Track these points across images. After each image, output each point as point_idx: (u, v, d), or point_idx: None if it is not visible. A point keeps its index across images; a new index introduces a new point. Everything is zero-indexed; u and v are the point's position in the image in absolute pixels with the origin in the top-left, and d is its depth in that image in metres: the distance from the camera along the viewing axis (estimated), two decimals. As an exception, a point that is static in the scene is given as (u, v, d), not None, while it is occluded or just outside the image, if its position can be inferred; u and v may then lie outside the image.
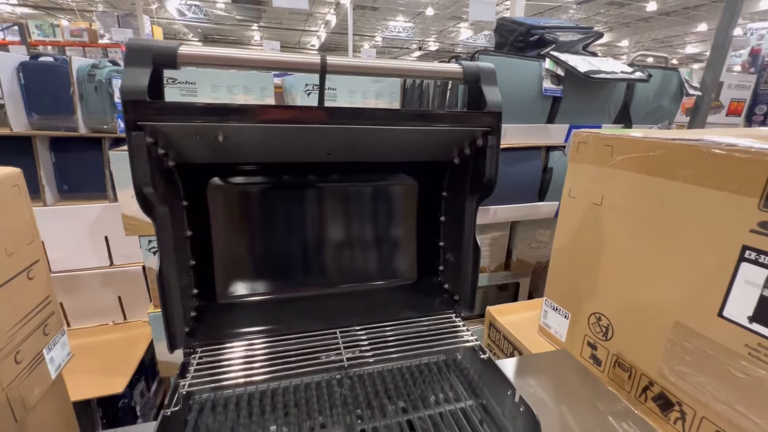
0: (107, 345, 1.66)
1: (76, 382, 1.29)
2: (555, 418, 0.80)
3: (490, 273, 1.83)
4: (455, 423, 0.75)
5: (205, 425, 0.72)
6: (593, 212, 0.99)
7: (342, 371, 0.88)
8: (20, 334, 0.92)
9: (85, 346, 1.64)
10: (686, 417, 0.81)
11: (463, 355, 0.94)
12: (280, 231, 0.92)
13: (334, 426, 0.73)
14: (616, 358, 0.97)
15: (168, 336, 0.74)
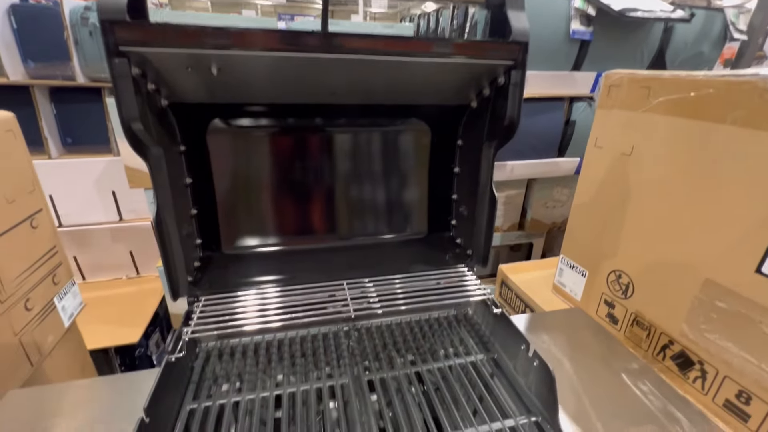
0: (121, 298, 1.69)
1: (93, 332, 1.32)
2: (568, 375, 0.78)
3: (503, 233, 1.78)
4: (465, 376, 0.73)
5: (212, 372, 0.72)
6: (621, 163, 0.91)
7: (349, 323, 0.86)
8: (29, 282, 0.92)
9: (99, 298, 1.67)
10: (707, 376, 0.78)
11: (474, 310, 0.91)
12: (285, 180, 0.87)
13: (342, 376, 0.71)
14: (635, 317, 0.93)
15: (170, 284, 0.72)
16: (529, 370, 0.69)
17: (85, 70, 1.45)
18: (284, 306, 0.75)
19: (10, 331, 0.86)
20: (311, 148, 0.86)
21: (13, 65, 1.42)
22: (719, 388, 0.76)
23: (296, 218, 0.90)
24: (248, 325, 0.69)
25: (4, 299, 0.85)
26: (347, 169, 0.90)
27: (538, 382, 0.67)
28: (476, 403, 0.67)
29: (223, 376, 0.71)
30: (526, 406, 0.67)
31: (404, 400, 0.67)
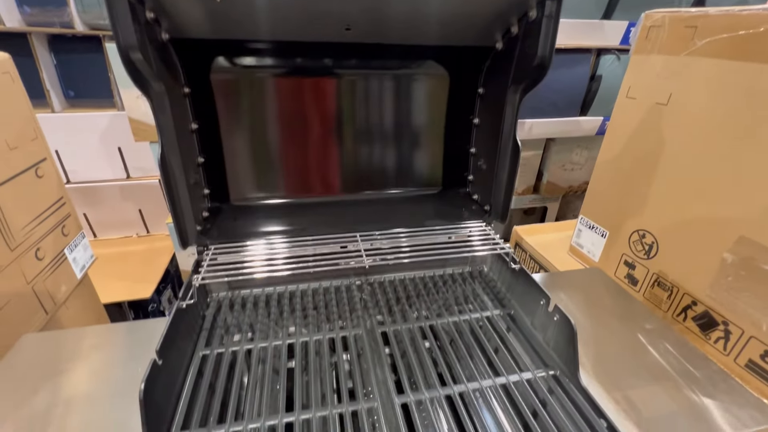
0: (132, 255, 1.70)
1: (106, 287, 1.33)
2: (585, 333, 0.76)
3: (517, 195, 1.73)
4: (480, 330, 0.71)
5: (223, 321, 0.71)
6: (655, 114, 0.85)
7: (362, 277, 0.84)
8: (38, 231, 0.91)
9: (111, 255, 1.69)
10: (731, 336, 0.75)
11: (490, 267, 0.88)
12: (293, 128, 0.82)
13: (355, 328, 0.70)
14: (657, 277, 0.89)
15: (178, 232, 0.70)
16: (548, 325, 0.67)
17: (83, 16, 1.38)
18: (295, 256, 0.73)
19: (22, 279, 0.86)
20: (320, 93, 0.80)
21: (8, 10, 1.35)
22: (743, 348, 0.73)
23: (306, 170, 0.86)
24: (259, 273, 0.68)
25: (14, 247, 0.84)
26: (359, 117, 0.85)
27: (558, 337, 0.65)
28: (492, 357, 0.65)
29: (234, 326, 0.71)
30: (543, 361, 0.65)
31: (418, 351, 0.65)
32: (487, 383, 0.60)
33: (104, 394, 0.60)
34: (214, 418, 0.53)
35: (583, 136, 1.56)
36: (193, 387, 0.57)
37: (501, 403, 0.57)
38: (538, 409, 0.56)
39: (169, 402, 0.54)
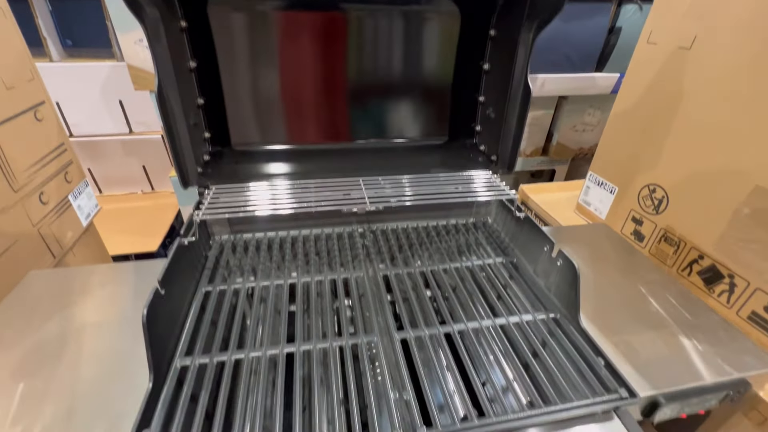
0: (138, 211, 1.71)
1: (112, 240, 1.34)
2: (588, 283, 0.75)
3: (525, 157, 1.69)
4: (482, 276, 0.71)
5: (225, 262, 0.71)
6: (677, 59, 0.80)
7: (364, 225, 0.84)
8: (40, 175, 0.91)
9: (117, 210, 1.70)
10: (735, 289, 0.74)
11: (494, 218, 0.87)
12: (296, 69, 0.79)
13: (356, 270, 0.70)
14: (664, 233, 0.88)
15: (179, 172, 0.69)
16: (551, 271, 0.67)
17: (76, -43, 1.31)
18: (297, 196, 0.72)
19: (27, 221, 0.86)
20: (324, 30, 0.76)
21: (-2, -51, 1.28)
22: (747, 301, 0.72)
23: (309, 115, 0.84)
24: (260, 211, 0.67)
25: (18, 189, 0.84)
26: (366, 59, 0.81)
27: (560, 282, 0.64)
28: (493, 301, 0.65)
29: (236, 266, 0.71)
30: (544, 306, 0.65)
31: (419, 294, 0.65)
32: (487, 323, 0.60)
33: (111, 325, 0.61)
34: (217, 348, 0.54)
35: (597, 95, 1.50)
36: (196, 321, 0.58)
37: (500, 342, 0.57)
38: (537, 349, 0.56)
39: (172, 332, 0.55)
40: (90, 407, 0.49)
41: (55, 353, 0.56)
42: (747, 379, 0.59)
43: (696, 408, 0.59)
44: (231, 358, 0.53)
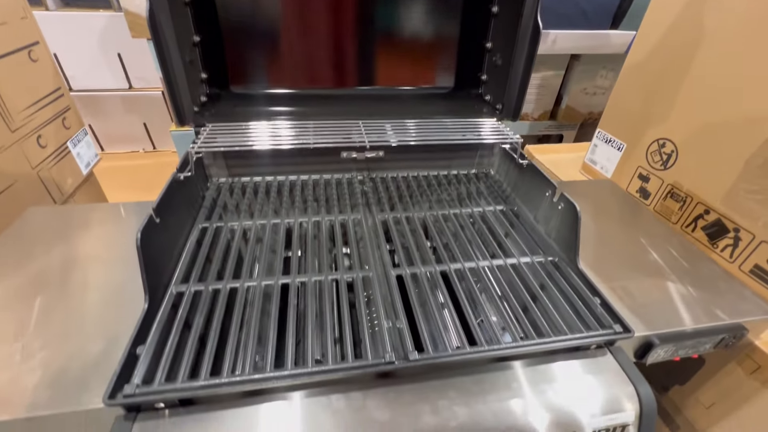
0: (140, 168, 1.71)
1: (114, 196, 1.34)
2: (590, 233, 0.74)
3: (533, 121, 1.64)
4: (482, 222, 0.70)
5: (223, 203, 0.71)
6: (697, 5, 0.76)
7: (364, 173, 0.82)
8: (37, 118, 0.90)
9: (118, 167, 1.70)
10: (740, 243, 0.73)
11: (497, 169, 0.86)
12: (299, 8, 0.76)
13: (353, 214, 0.69)
14: (671, 188, 0.86)
15: (175, 109, 0.68)
16: (551, 216, 0.66)
17: None
18: (296, 136, 0.70)
19: (26, 162, 0.86)
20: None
21: None
22: (750, 254, 0.71)
23: (310, 57, 0.81)
24: (257, 146, 0.66)
25: (15, 129, 0.83)
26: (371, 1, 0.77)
27: (560, 226, 0.63)
28: (491, 244, 0.64)
29: (233, 207, 0.70)
30: (543, 250, 0.64)
31: (416, 236, 0.65)
32: (484, 264, 0.60)
33: (111, 259, 0.62)
34: (212, 278, 0.55)
35: (611, 55, 1.44)
36: (192, 254, 0.58)
37: (497, 282, 0.57)
38: (534, 289, 0.56)
39: (168, 262, 0.55)
40: (88, 329, 0.50)
41: (53, 282, 0.57)
42: (744, 324, 0.58)
43: (690, 351, 0.59)
44: (226, 286, 0.53)
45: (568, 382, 0.47)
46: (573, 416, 0.45)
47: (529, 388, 0.46)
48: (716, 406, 0.72)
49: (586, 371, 0.48)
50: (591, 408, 0.45)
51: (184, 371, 0.42)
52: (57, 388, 0.43)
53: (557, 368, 0.49)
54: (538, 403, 0.45)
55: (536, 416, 0.44)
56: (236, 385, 0.41)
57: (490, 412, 0.44)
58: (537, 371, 0.48)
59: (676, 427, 0.80)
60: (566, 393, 0.46)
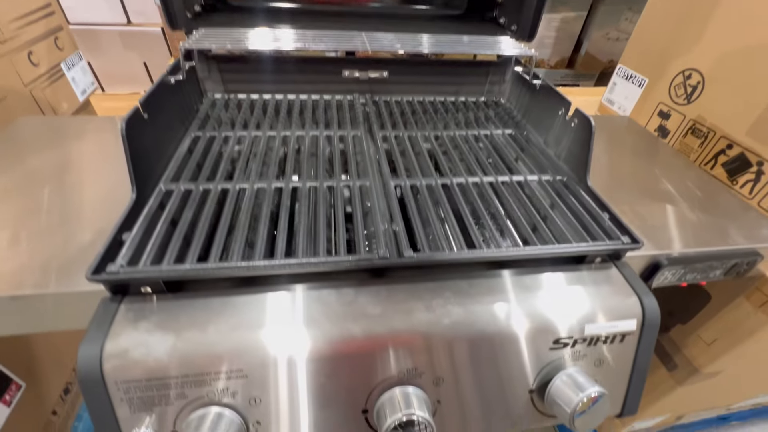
0: (141, 109, 1.68)
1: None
2: (602, 164, 0.70)
3: (548, 69, 1.56)
4: (488, 142, 0.66)
5: (218, 116, 0.68)
6: None
7: (366, 95, 0.78)
8: (27, 32, 0.85)
9: (120, 108, 1.66)
10: (762, 177, 0.69)
11: (508, 97, 0.81)
12: None
13: (353, 131, 0.66)
14: (693, 124, 0.81)
15: (165, 11, 0.63)
16: (563, 136, 0.62)
17: None
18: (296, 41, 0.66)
19: (17, 78, 0.83)
20: None
21: None
22: (773, 188, 0.67)
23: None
24: (252, 44, 0.61)
25: (3, 40, 0.79)
26: None
27: (571, 145, 0.60)
28: (500, 165, 0.61)
29: (228, 120, 0.67)
30: (552, 169, 0.61)
31: (417, 152, 0.62)
32: (489, 179, 0.57)
33: (103, 162, 0.60)
34: (204, 179, 0.52)
35: (639, -6, 1.34)
36: (182, 158, 0.56)
37: (502, 197, 0.54)
38: (539, 205, 0.53)
39: (157, 162, 0.53)
40: (77, 222, 0.49)
41: (45, 181, 0.55)
42: (758, 250, 0.55)
43: (699, 277, 0.57)
44: (217, 187, 0.51)
45: (569, 289, 0.45)
46: (572, 321, 0.43)
47: (528, 293, 0.44)
48: (718, 342, 0.71)
49: (588, 282, 0.46)
50: (591, 314, 0.44)
51: (171, 257, 0.41)
52: (43, 272, 0.42)
53: (559, 277, 0.47)
54: (536, 308, 0.43)
55: (534, 319, 0.43)
56: (224, 270, 0.40)
57: (486, 313, 0.42)
58: (538, 279, 0.46)
59: (674, 366, 0.79)
60: (566, 300, 0.44)
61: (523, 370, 0.43)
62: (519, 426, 0.46)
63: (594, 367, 0.45)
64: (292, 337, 0.39)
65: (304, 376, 0.39)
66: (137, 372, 0.36)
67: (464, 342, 0.41)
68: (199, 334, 0.38)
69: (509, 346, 0.42)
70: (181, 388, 0.38)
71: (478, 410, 0.44)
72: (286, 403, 0.40)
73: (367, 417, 0.42)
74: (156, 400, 0.38)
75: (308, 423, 0.41)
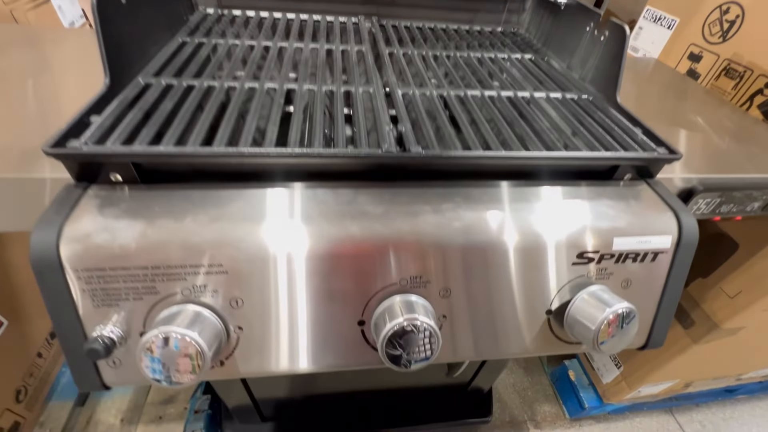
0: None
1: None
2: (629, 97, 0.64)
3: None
4: (504, 63, 0.60)
5: (208, 28, 0.62)
6: None
7: (373, 18, 0.72)
8: (6, -54, 0.79)
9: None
10: (804, 115, 0.63)
11: (527, 26, 0.74)
12: None
13: (357, 46, 0.60)
14: (727, 64, 0.74)
15: None
16: (590, 55, 0.56)
17: None
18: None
19: (-5, -8, 0.76)
20: None
21: None
22: (816, 126, 0.61)
23: None
24: None
25: (-22, -52, 0.73)
26: None
27: (599, 62, 0.54)
28: (518, 83, 0.55)
29: (220, 31, 0.61)
30: (577, 90, 0.55)
31: (429, 73, 0.56)
32: (506, 93, 0.51)
33: (81, 63, 0.54)
34: (188, 77, 0.47)
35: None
36: (167, 57, 0.50)
37: (525, 112, 0.48)
38: (567, 118, 0.47)
39: (137, 56, 0.47)
40: (48, 113, 0.44)
41: (15, 78, 0.50)
42: (805, 182, 0.50)
43: (735, 209, 0.51)
44: (203, 83, 0.45)
45: (597, 203, 0.40)
46: (599, 234, 0.38)
47: (552, 203, 0.39)
48: (742, 295, 0.66)
49: (617, 197, 0.41)
50: (621, 228, 0.38)
51: (144, 140, 0.36)
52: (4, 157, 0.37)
53: (586, 191, 0.41)
54: (558, 217, 0.38)
55: (555, 229, 0.37)
56: (205, 156, 0.34)
57: (502, 219, 0.37)
58: (561, 192, 0.41)
59: (691, 323, 0.75)
60: (593, 211, 0.39)
61: (541, 287, 0.38)
62: (533, 352, 0.41)
63: (621, 289, 0.40)
64: (280, 233, 0.34)
65: (293, 278, 0.34)
66: (100, 259, 0.32)
67: (476, 249, 0.36)
68: (174, 223, 0.33)
69: (527, 257, 0.37)
70: (152, 282, 0.33)
71: (488, 330, 0.39)
72: (270, 308, 0.35)
73: (363, 330, 0.37)
74: (123, 294, 0.33)
75: (295, 333, 0.36)
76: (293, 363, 0.37)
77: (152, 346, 0.30)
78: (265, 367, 0.37)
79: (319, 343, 0.37)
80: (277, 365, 0.37)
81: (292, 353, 0.36)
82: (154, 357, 0.30)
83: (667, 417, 1.16)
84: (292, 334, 0.36)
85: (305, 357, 0.37)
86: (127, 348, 0.34)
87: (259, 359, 0.36)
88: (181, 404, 0.92)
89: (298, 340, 0.36)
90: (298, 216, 0.35)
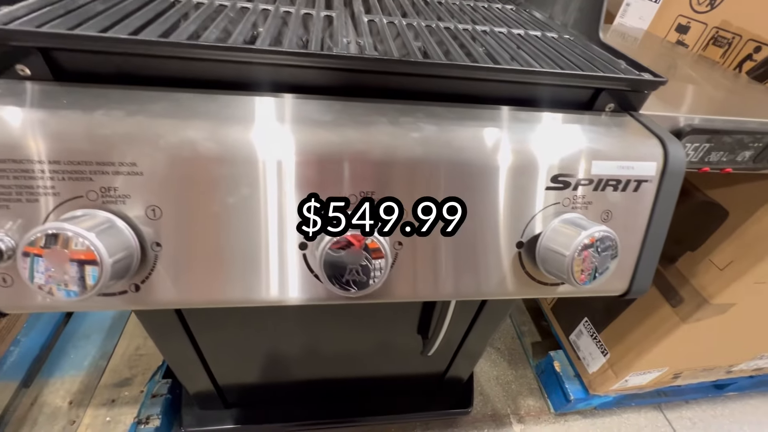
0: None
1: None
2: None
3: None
4: (486, 12, 0.57)
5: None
6: None
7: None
8: None
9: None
10: (795, 78, 0.60)
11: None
12: None
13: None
14: (716, 32, 0.72)
15: None
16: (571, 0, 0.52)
17: None
18: None
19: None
20: None
21: None
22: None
23: None
24: None
25: None
26: None
27: (582, 3, 0.50)
28: (496, 21, 0.52)
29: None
30: (557, 31, 0.52)
31: (400, 7, 0.52)
32: (482, 28, 0.47)
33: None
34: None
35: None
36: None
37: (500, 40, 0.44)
38: (543, 49, 0.43)
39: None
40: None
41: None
42: (798, 130, 0.47)
43: (724, 159, 0.47)
44: (145, -5, 0.41)
45: (574, 127, 0.36)
46: (576, 157, 0.34)
47: (522, 123, 0.35)
48: (733, 265, 0.62)
49: (599, 123, 0.37)
50: (600, 152, 0.34)
51: (62, 26, 0.31)
52: None
53: (562, 116, 0.37)
54: (531, 137, 0.34)
55: (528, 149, 0.33)
56: (129, 45, 0.30)
57: (467, 134, 0.33)
58: (536, 116, 0.37)
59: (679, 300, 0.70)
60: (570, 134, 0.35)
61: (510, 214, 0.34)
62: (501, 293, 0.36)
63: (600, 222, 0.36)
64: (206, 133, 0.29)
65: (221, 186, 0.30)
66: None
67: (435, 165, 0.32)
68: (81, 114, 0.29)
69: (494, 178, 0.33)
70: (51, 181, 0.28)
71: (448, 263, 0.34)
72: (194, 221, 0.30)
73: (305, 254, 0.32)
74: (15, 195, 0.28)
75: (224, 254, 0.31)
76: (221, 292, 0.32)
77: (36, 243, 0.25)
78: (187, 296, 0.32)
79: (253, 268, 0.32)
80: (202, 294, 0.32)
81: (219, 279, 0.31)
82: (38, 257, 0.25)
83: (656, 413, 1.11)
84: (219, 255, 0.31)
85: (235, 285, 0.32)
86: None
87: (181, 285, 0.31)
88: (137, 387, 0.85)
89: (226, 263, 0.31)
90: (228, 118, 0.30)
